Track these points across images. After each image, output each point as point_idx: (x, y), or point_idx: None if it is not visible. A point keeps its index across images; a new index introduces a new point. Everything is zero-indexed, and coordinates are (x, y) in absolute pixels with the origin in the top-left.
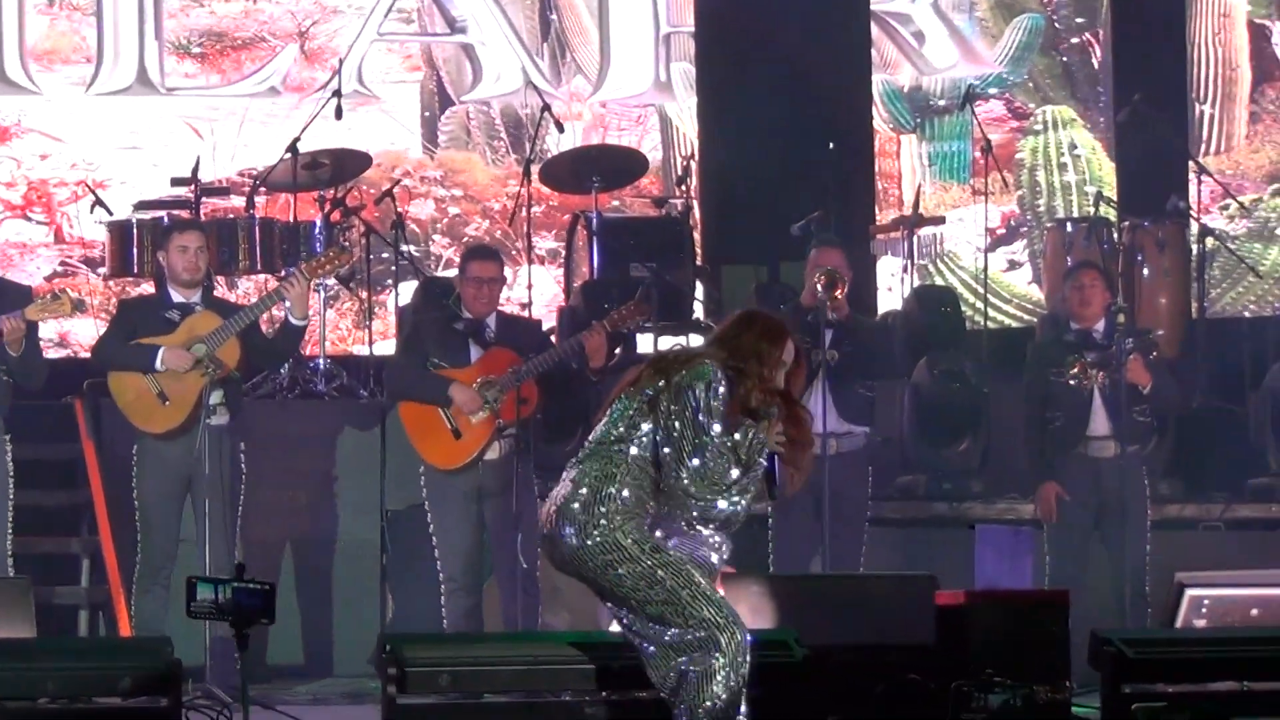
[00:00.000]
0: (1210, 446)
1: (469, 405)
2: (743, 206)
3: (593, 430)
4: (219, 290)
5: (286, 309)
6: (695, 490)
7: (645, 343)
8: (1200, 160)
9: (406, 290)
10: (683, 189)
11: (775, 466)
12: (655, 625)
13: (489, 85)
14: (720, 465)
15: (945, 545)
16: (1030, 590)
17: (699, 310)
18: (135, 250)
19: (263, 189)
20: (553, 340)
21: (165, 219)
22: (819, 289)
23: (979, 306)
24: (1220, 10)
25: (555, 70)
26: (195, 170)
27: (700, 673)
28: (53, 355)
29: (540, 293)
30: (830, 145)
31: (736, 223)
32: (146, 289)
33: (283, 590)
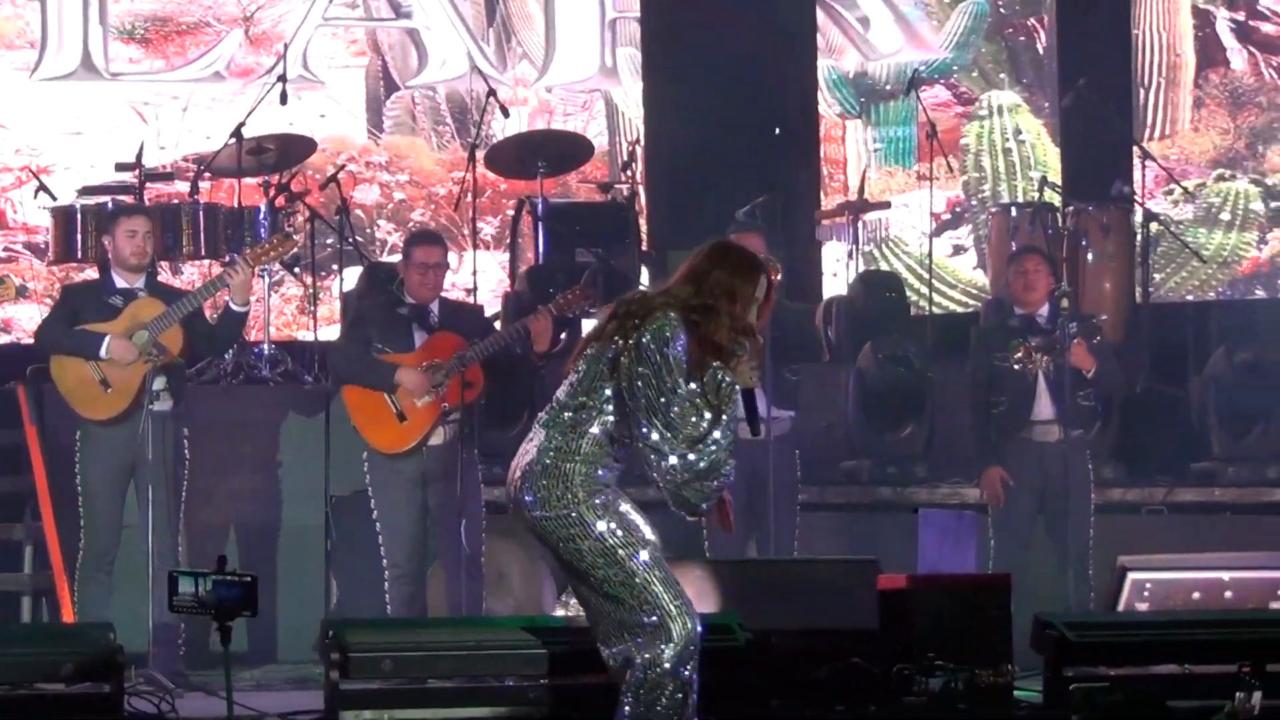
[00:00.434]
0: (1153, 431)
1: (417, 388)
2: (688, 192)
3: (561, 383)
4: (163, 276)
5: (229, 295)
6: (669, 448)
7: (591, 328)
8: (1144, 145)
9: (351, 275)
10: (628, 174)
11: (755, 401)
12: (610, 604)
13: (434, 70)
14: (688, 416)
15: (889, 530)
16: (973, 574)
17: None
18: (79, 235)
19: (207, 174)
20: (497, 326)
21: (110, 204)
22: None
23: (924, 291)
24: None
25: (501, 55)
26: (140, 155)
27: (649, 660)
28: None
29: (485, 278)
30: (776, 131)
31: (682, 208)
32: (90, 275)
33: None
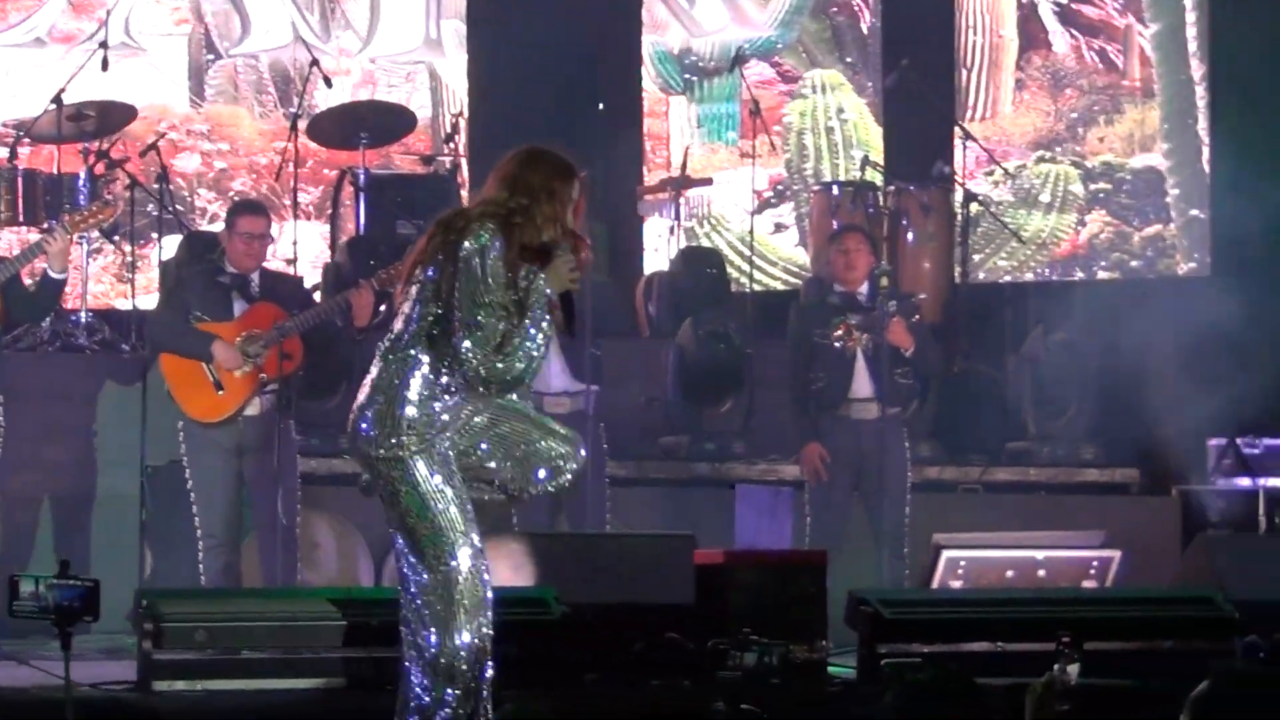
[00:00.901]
0: (970, 410)
1: (230, 362)
2: None
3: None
4: None
5: (47, 261)
6: (475, 358)
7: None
8: (966, 126)
9: (170, 244)
10: (451, 146)
11: (573, 304)
12: (417, 557)
13: (258, 39)
14: (498, 325)
15: (707, 505)
16: (789, 550)
17: None
18: None
19: (26, 140)
20: (317, 297)
21: None
22: None
23: (745, 268)
24: None
25: (325, 25)
26: None
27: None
28: None
29: (306, 248)
30: (600, 106)
31: None
32: None
33: (41, 545)
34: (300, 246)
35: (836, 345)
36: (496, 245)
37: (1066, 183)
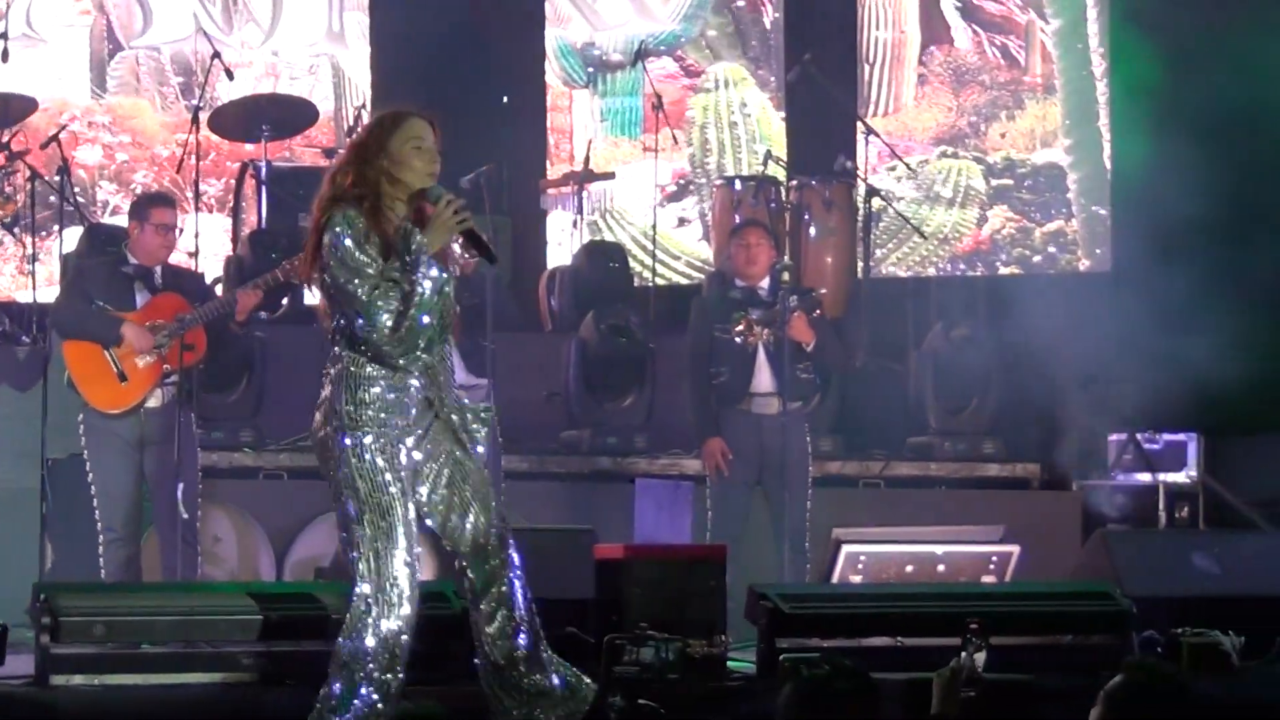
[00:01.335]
0: (871, 405)
1: (141, 344)
2: None
3: None
4: None
5: None
6: (375, 334)
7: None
8: (868, 121)
9: (71, 236)
10: (353, 139)
11: (479, 236)
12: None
13: (159, 31)
14: (387, 294)
15: (607, 500)
16: (688, 545)
17: None
18: None
19: None
20: (218, 291)
21: None
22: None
23: (648, 262)
24: None
25: (227, 17)
26: None
27: (355, 611)
28: None
29: (208, 242)
30: (504, 99)
31: None
32: None
33: None
34: (202, 239)
35: (737, 340)
36: (349, 228)
37: (968, 178)
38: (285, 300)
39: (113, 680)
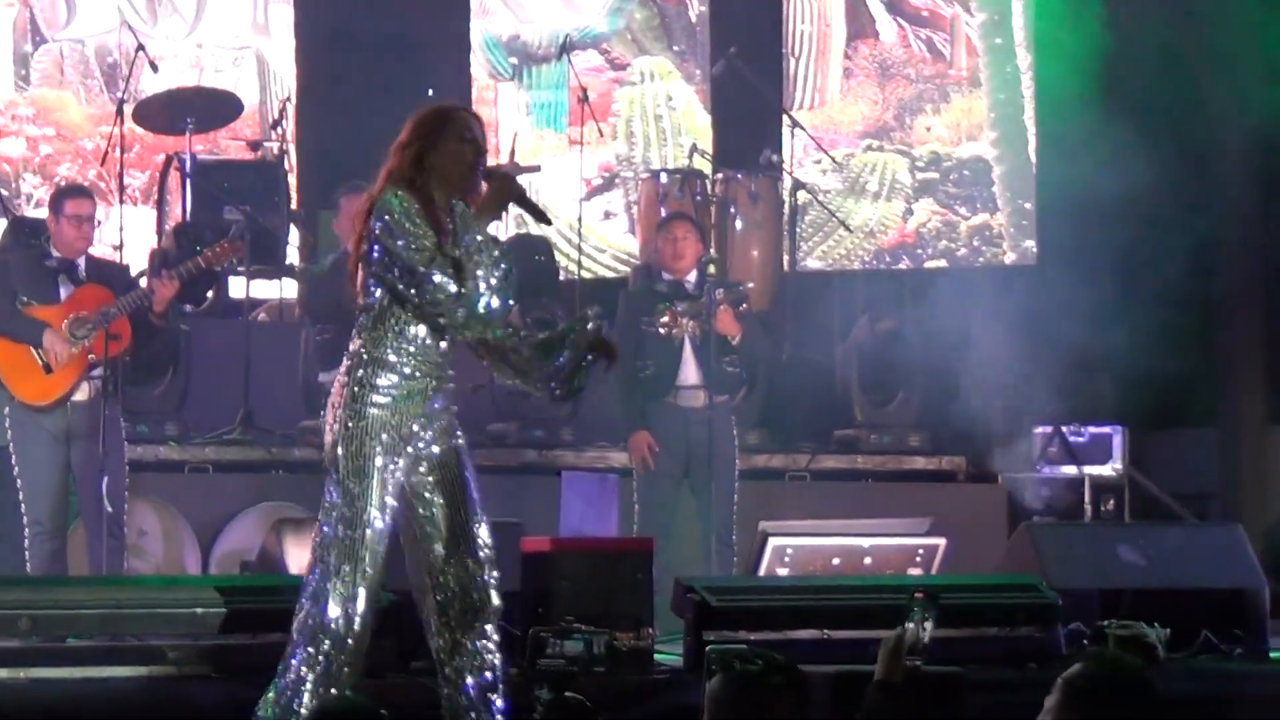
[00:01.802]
0: (798, 398)
1: (59, 353)
2: (338, 152)
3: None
4: None
5: None
6: (451, 302)
7: (237, 286)
8: (794, 114)
9: None
10: (278, 132)
11: (528, 200)
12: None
13: (83, 23)
14: (445, 269)
15: (534, 493)
16: (615, 538)
17: (292, 255)
18: None
19: None
20: (142, 283)
21: None
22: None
23: (574, 256)
24: None
25: (151, 9)
26: None
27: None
28: None
29: (133, 234)
30: (429, 92)
31: (332, 168)
32: None
33: None
34: (127, 232)
35: (662, 332)
36: (407, 204)
37: (894, 172)
38: (210, 293)
39: (38, 674)
